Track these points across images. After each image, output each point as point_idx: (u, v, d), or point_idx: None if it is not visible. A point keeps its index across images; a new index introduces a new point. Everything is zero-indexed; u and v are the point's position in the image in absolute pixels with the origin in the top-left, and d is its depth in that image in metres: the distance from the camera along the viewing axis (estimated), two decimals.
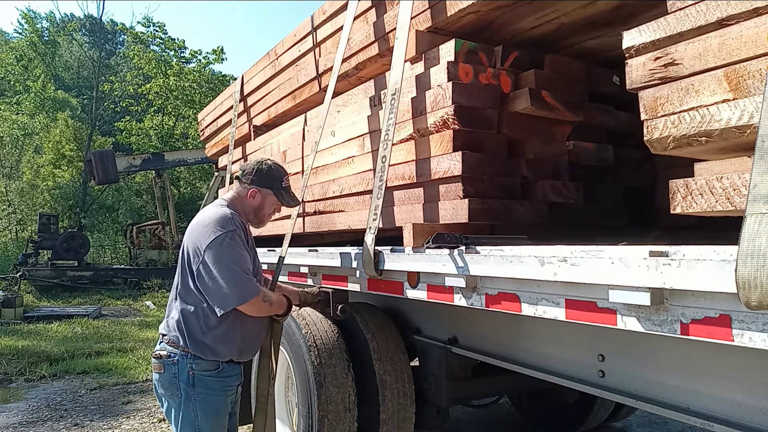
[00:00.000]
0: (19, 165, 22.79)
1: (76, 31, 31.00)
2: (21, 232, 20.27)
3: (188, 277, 2.21)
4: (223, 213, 2.23)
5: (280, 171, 2.40)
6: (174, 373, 2.19)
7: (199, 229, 2.21)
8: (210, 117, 5.64)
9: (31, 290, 13.20)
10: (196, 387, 2.19)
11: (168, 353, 2.21)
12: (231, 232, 2.16)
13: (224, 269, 2.12)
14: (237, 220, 2.24)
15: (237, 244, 2.17)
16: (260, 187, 2.34)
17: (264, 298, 2.22)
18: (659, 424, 4.34)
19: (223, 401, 2.28)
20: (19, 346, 7.27)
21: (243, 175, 2.36)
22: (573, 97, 2.47)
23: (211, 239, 2.13)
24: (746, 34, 1.24)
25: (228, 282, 2.11)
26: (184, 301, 2.22)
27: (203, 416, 2.21)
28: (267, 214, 2.42)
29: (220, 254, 2.12)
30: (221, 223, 2.17)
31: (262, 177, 2.34)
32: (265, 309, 2.27)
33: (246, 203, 2.35)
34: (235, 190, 2.39)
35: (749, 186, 1.10)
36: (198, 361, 2.19)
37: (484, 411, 4.58)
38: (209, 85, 23.66)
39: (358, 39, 2.98)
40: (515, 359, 2.41)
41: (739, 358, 1.55)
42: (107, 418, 4.75)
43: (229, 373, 2.28)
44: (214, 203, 2.38)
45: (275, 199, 2.38)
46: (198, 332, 2.19)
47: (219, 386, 2.24)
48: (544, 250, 1.65)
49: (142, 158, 15.34)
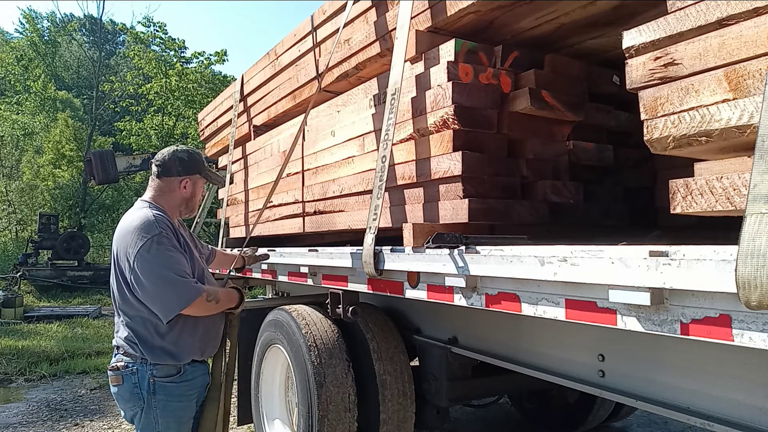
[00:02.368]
0: (19, 165, 22.78)
1: (76, 31, 30.99)
2: (21, 232, 20.28)
3: (124, 288, 2.13)
4: (145, 216, 2.14)
5: (198, 152, 2.37)
6: (134, 382, 2.13)
7: (124, 237, 2.12)
8: (210, 117, 5.64)
9: (31, 290, 13.21)
10: (157, 394, 2.13)
11: (125, 363, 2.15)
12: (157, 236, 2.08)
13: (157, 277, 2.05)
14: (162, 220, 2.16)
15: (165, 248, 2.09)
16: (189, 174, 2.29)
17: (208, 298, 2.15)
18: (659, 424, 4.34)
19: (185, 407, 2.22)
20: (19, 346, 7.27)
21: (164, 169, 2.27)
22: (573, 97, 2.47)
23: (138, 248, 2.05)
24: (746, 34, 1.24)
25: (164, 289, 2.05)
26: (126, 315, 2.16)
27: (164, 424, 2.16)
28: (198, 199, 2.38)
29: (150, 262, 2.05)
30: (145, 229, 2.09)
31: (186, 164, 2.29)
32: (212, 308, 2.20)
33: (175, 196, 2.28)
34: (155, 187, 2.28)
35: (749, 186, 1.10)
36: (158, 366, 2.13)
37: (484, 411, 4.58)
38: (210, 85, 23.65)
39: (358, 39, 2.98)
40: (515, 359, 2.41)
41: (739, 358, 1.55)
42: (107, 418, 4.75)
43: (192, 375, 2.22)
44: (135, 206, 2.28)
45: (204, 182, 2.37)
46: (151, 341, 2.13)
47: (181, 392, 2.19)
48: (544, 250, 1.64)
49: (142, 158, 15.29)
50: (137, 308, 2.12)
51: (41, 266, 14.19)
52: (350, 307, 2.86)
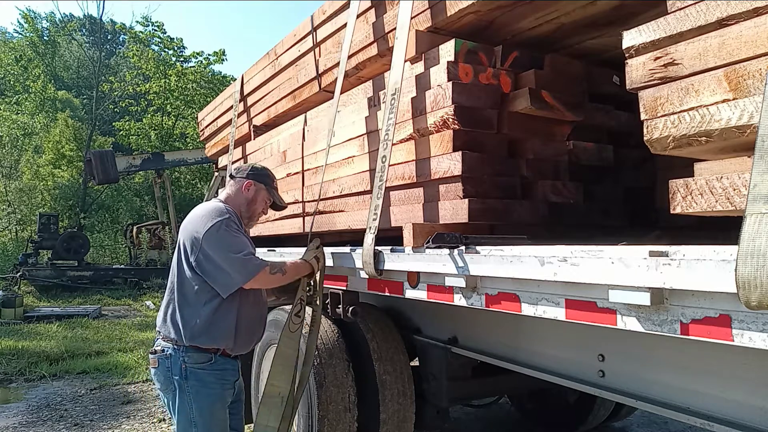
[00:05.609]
0: (18, 165, 22.77)
1: (76, 31, 30.99)
2: (21, 232, 20.26)
3: (185, 270, 2.26)
4: (216, 205, 2.37)
5: (272, 173, 2.60)
6: (167, 366, 2.24)
7: (194, 221, 2.30)
8: (210, 117, 5.64)
9: (31, 290, 13.20)
10: (189, 380, 2.23)
11: (162, 348, 2.27)
12: (226, 220, 2.27)
13: (223, 253, 2.20)
14: (232, 211, 2.37)
15: (233, 230, 2.27)
16: (255, 180, 2.48)
17: (272, 270, 2.28)
18: (659, 424, 4.34)
19: (218, 394, 2.30)
20: (19, 346, 7.27)
21: (238, 172, 2.52)
22: (573, 97, 2.47)
23: (208, 227, 2.22)
24: (746, 34, 1.24)
25: (230, 263, 2.20)
26: (179, 292, 2.27)
27: (197, 409, 2.24)
28: (258, 209, 2.52)
29: (217, 239, 2.22)
30: (216, 214, 2.29)
31: (256, 173, 2.51)
32: (278, 279, 2.33)
33: (240, 196, 2.47)
34: (228, 187, 2.51)
35: (749, 186, 1.10)
36: (190, 353, 2.23)
37: (484, 411, 4.58)
38: (209, 85, 23.65)
39: (358, 39, 2.98)
40: (515, 359, 2.41)
41: (739, 358, 1.56)
42: (107, 418, 4.75)
43: (222, 366, 2.30)
44: (206, 202, 2.49)
45: (267, 195, 2.52)
46: (193, 319, 2.23)
47: (212, 379, 2.27)
48: (544, 250, 1.65)
49: (142, 158, 15.33)
50: (190, 286, 2.24)
51: (41, 266, 14.18)
52: (350, 307, 2.86)
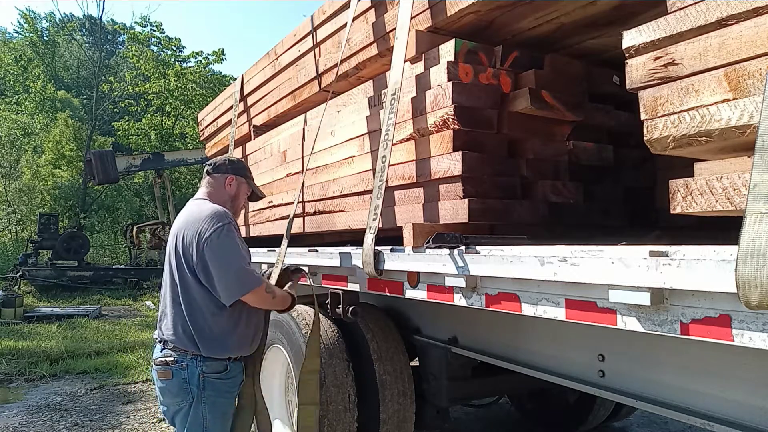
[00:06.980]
0: (18, 165, 22.77)
1: (76, 31, 30.98)
2: (21, 232, 20.26)
3: (188, 278, 2.19)
4: (216, 208, 2.26)
5: (245, 164, 2.58)
6: (184, 378, 2.18)
7: (194, 224, 2.21)
8: (210, 117, 5.64)
9: (31, 290, 13.20)
10: (206, 390, 2.20)
11: (175, 359, 2.19)
12: (228, 225, 2.21)
13: (226, 260, 2.15)
14: (230, 214, 2.29)
15: (234, 236, 2.22)
16: (236, 175, 2.44)
17: (267, 289, 2.25)
18: (659, 424, 4.34)
19: (229, 403, 2.32)
20: (19, 346, 7.27)
21: (215, 168, 2.43)
22: (573, 97, 2.47)
23: (210, 232, 2.15)
24: (746, 34, 1.24)
25: (232, 272, 2.15)
26: (186, 302, 2.19)
27: (212, 419, 2.22)
28: (242, 203, 2.51)
29: (220, 246, 2.15)
30: (218, 217, 2.21)
31: (235, 167, 2.47)
32: (269, 300, 2.28)
33: (223, 193, 2.41)
34: (208, 185, 2.43)
35: (749, 186, 1.10)
36: (208, 363, 2.20)
37: (484, 411, 4.58)
38: (209, 85, 23.64)
39: (358, 39, 2.98)
40: (515, 359, 2.41)
41: (739, 358, 1.55)
42: (107, 418, 4.75)
43: (234, 372, 2.30)
44: (195, 202, 2.37)
45: (247, 187, 2.49)
46: (208, 332, 2.18)
47: (227, 388, 2.27)
48: (544, 250, 1.65)
49: (142, 158, 15.32)
50: (197, 294, 2.18)
51: (41, 266, 14.18)
52: (350, 307, 2.86)
